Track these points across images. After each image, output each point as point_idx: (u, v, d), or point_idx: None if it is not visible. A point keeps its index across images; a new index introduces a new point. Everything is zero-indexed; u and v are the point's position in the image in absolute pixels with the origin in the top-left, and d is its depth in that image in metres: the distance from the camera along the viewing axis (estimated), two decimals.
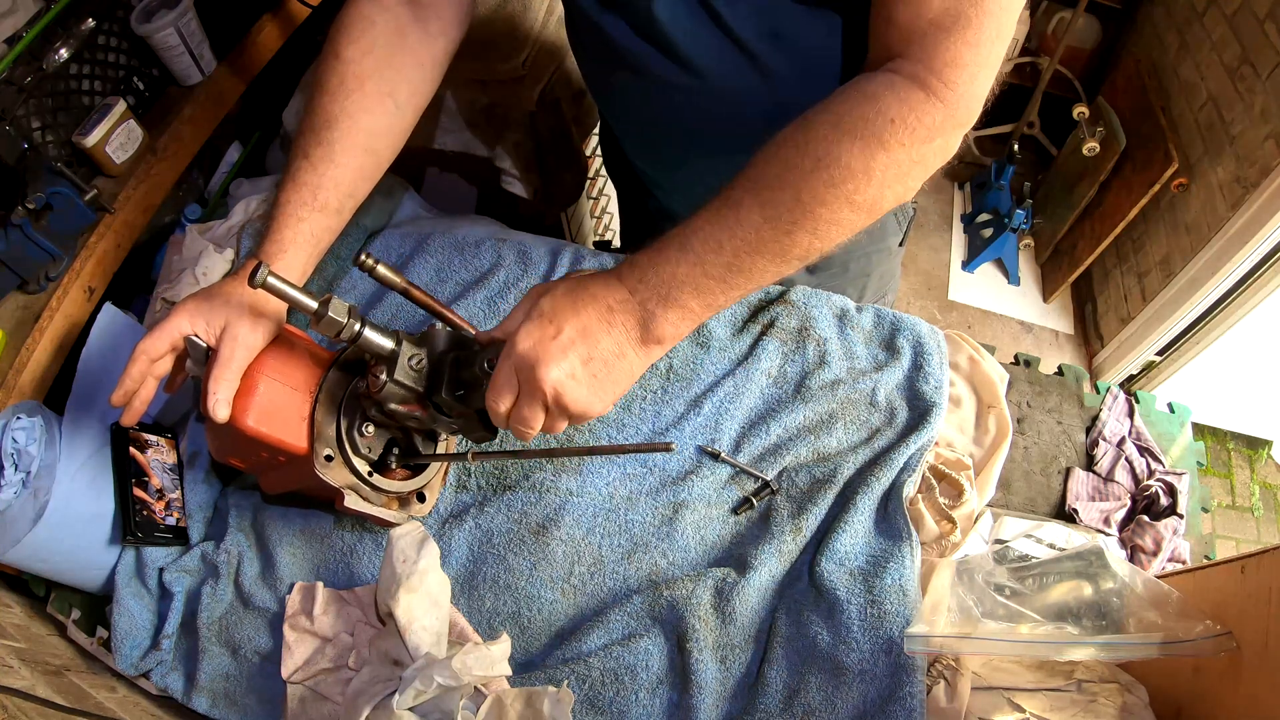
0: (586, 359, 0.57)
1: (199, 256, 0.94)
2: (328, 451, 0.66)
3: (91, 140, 0.93)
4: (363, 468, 0.68)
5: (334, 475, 0.67)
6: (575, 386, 0.57)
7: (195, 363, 0.67)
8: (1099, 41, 2.57)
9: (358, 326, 0.59)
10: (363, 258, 0.61)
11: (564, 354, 0.56)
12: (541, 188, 1.32)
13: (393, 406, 0.63)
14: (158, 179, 1.02)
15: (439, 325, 0.66)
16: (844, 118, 0.55)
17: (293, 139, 0.72)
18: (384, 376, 0.61)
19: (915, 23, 0.54)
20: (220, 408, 0.61)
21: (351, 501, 0.67)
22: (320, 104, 0.70)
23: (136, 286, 1.08)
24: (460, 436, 0.75)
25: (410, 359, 0.62)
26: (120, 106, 0.96)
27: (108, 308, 0.84)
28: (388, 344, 0.61)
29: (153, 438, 0.79)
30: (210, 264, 0.93)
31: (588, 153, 1.42)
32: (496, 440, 0.69)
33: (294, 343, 0.68)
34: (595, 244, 1.21)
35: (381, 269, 0.63)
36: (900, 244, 1.05)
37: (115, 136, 0.96)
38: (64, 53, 0.92)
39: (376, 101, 0.71)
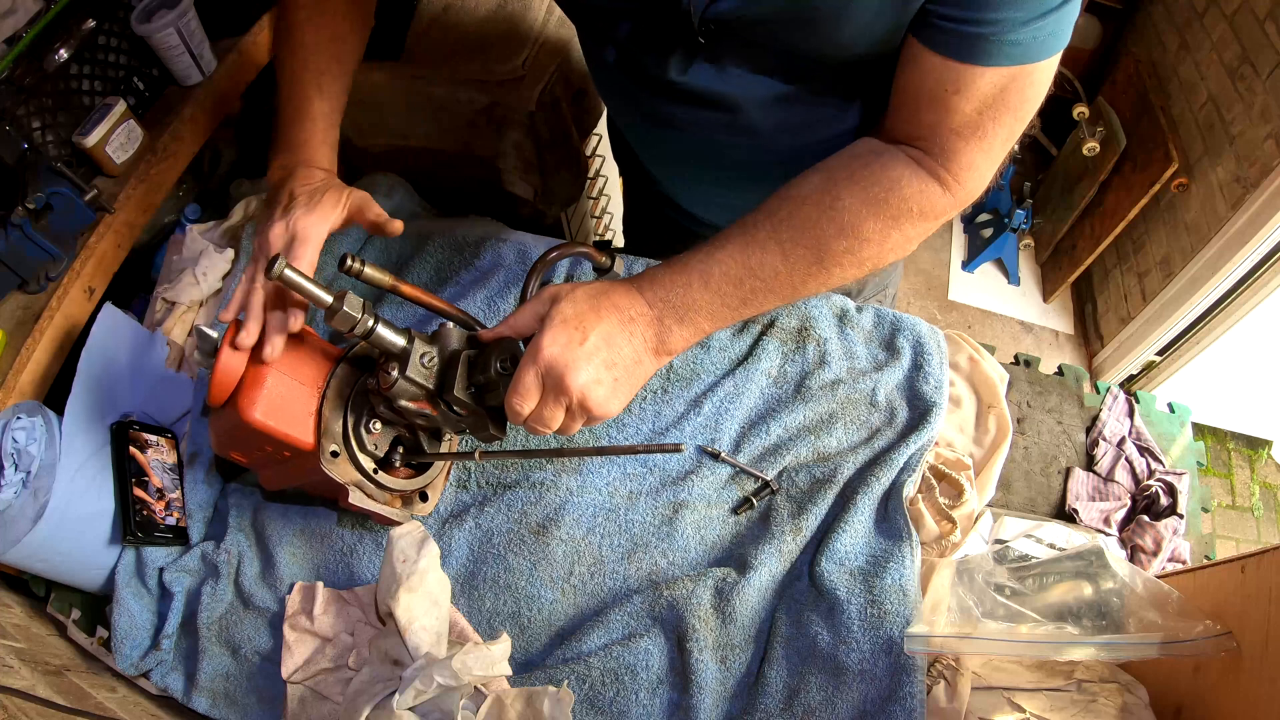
0: (610, 364, 0.60)
1: (199, 256, 0.94)
2: (334, 447, 0.66)
3: (91, 140, 0.93)
4: (368, 465, 0.68)
5: (339, 471, 0.67)
6: (599, 389, 0.60)
7: (203, 354, 0.67)
8: (1099, 41, 2.57)
9: (371, 322, 0.60)
10: (348, 262, 0.62)
11: (590, 359, 0.59)
12: (541, 188, 1.32)
13: (402, 404, 0.63)
14: (158, 179, 1.02)
15: (450, 324, 0.66)
16: (870, 194, 0.60)
17: (288, 49, 0.74)
18: (395, 373, 0.61)
19: (938, 129, 0.59)
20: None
21: (356, 498, 0.67)
22: (320, 31, 0.74)
23: (136, 286, 1.08)
24: (465, 435, 0.75)
25: (422, 356, 0.62)
26: (120, 106, 0.96)
27: (108, 308, 0.84)
28: (400, 341, 0.61)
29: (153, 438, 0.79)
30: (210, 264, 0.93)
31: (588, 153, 1.42)
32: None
33: (303, 337, 0.68)
34: (595, 244, 1.20)
35: (369, 270, 0.63)
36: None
37: (115, 136, 0.96)
38: (64, 53, 0.92)
39: (365, 27, 0.78)
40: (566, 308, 0.60)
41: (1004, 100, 0.56)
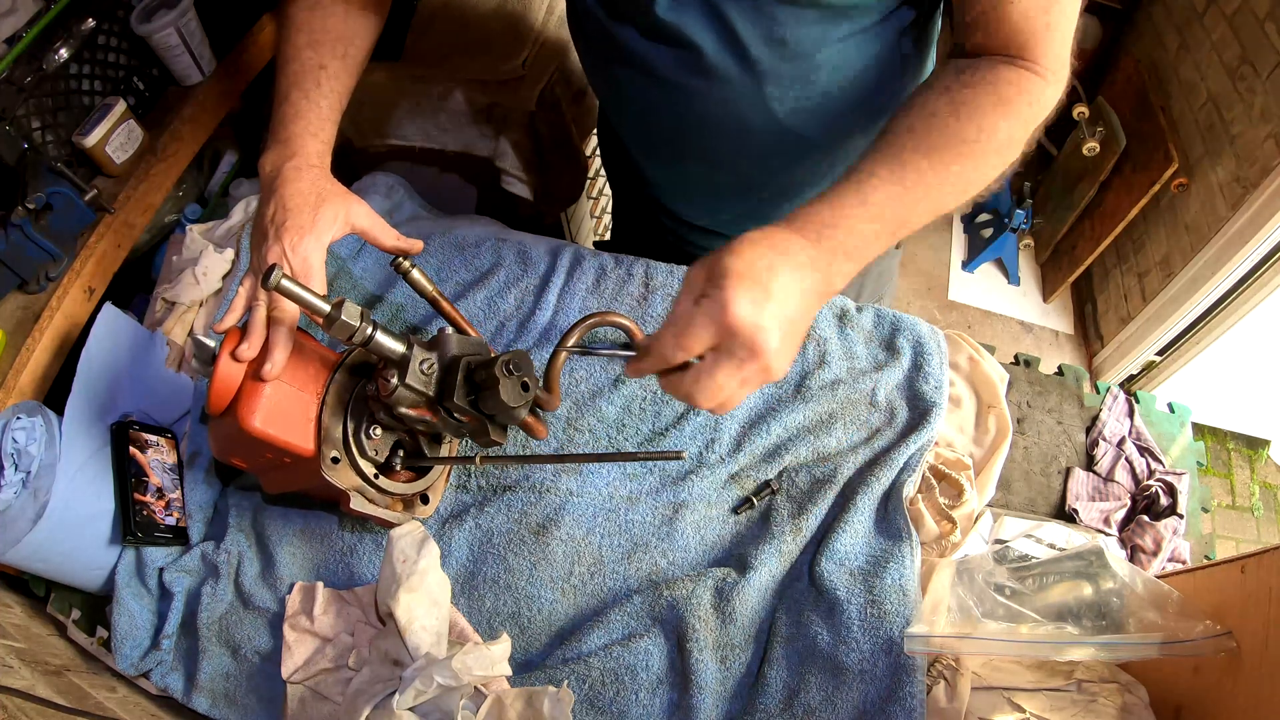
0: (789, 321, 0.53)
1: (199, 256, 0.94)
2: (334, 453, 0.66)
3: (91, 140, 0.93)
4: (369, 470, 0.68)
5: (340, 477, 0.66)
6: (785, 354, 0.52)
7: (201, 362, 0.67)
8: (1099, 41, 2.57)
9: (370, 330, 0.59)
10: (402, 261, 0.67)
11: (778, 319, 0.51)
12: (541, 188, 1.32)
13: (402, 410, 0.63)
14: (158, 179, 1.02)
15: (449, 329, 0.66)
16: (1000, 96, 0.62)
17: (291, 40, 0.74)
18: (395, 380, 0.61)
19: (1014, 37, 0.63)
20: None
21: (357, 503, 0.67)
22: (328, 21, 0.74)
23: (136, 286, 1.08)
24: (466, 440, 0.75)
25: (421, 363, 0.62)
26: (120, 106, 0.96)
27: (108, 308, 0.84)
28: (399, 348, 0.61)
29: (153, 438, 0.79)
30: (210, 264, 0.93)
31: (588, 153, 1.42)
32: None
33: (302, 344, 0.68)
34: (595, 244, 1.20)
35: (415, 274, 0.66)
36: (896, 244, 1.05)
37: (115, 136, 0.96)
38: (64, 53, 0.92)
39: (376, 25, 0.79)
40: (736, 262, 0.51)
41: None
